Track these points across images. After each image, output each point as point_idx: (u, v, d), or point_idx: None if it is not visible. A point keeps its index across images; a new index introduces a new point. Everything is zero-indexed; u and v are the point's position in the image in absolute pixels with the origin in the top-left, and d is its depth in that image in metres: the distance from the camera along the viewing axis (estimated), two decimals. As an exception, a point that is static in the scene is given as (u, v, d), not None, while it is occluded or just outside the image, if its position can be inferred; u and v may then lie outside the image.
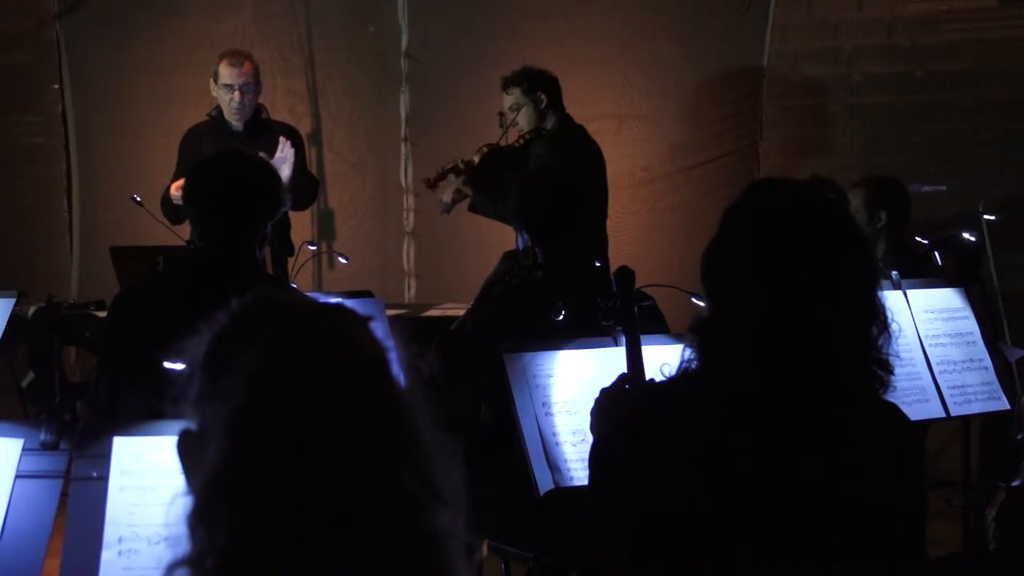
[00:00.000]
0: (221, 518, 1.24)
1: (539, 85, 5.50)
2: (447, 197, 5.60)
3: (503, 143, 5.60)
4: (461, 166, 5.53)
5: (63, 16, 7.17)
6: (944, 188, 6.44)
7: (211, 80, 5.57)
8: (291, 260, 5.54)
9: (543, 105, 5.50)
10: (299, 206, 5.75)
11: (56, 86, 7.25)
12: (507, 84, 5.54)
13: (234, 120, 5.56)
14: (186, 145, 5.67)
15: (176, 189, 5.33)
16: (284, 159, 5.26)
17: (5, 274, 6.57)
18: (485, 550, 3.68)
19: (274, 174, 3.33)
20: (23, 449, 2.40)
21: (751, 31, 6.60)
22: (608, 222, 5.66)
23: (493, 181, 5.22)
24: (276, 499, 1.23)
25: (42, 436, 2.41)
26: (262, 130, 5.59)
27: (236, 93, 5.49)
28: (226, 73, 5.50)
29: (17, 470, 2.38)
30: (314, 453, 1.24)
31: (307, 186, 5.67)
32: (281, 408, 1.25)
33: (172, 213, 5.48)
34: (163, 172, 6.31)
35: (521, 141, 5.52)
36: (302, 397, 1.26)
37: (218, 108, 5.61)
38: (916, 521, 1.99)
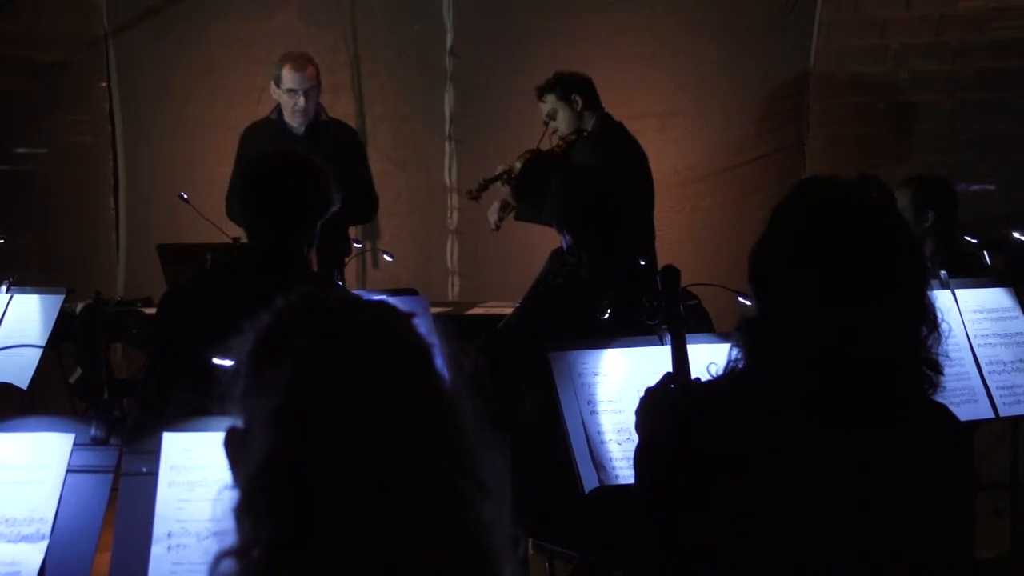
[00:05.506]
0: (266, 510, 1.26)
1: (572, 88, 5.45)
2: (493, 216, 5.58)
3: (543, 147, 5.58)
4: (504, 175, 5.51)
5: (116, 34, 7.21)
6: (993, 187, 6.39)
7: (272, 83, 5.52)
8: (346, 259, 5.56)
9: (579, 107, 5.44)
10: (352, 221, 5.71)
11: (104, 84, 7.29)
12: (541, 92, 5.49)
13: (295, 123, 5.51)
14: (245, 144, 5.61)
15: None
16: None
17: (54, 271, 6.64)
18: (529, 548, 3.68)
19: (324, 175, 3.34)
20: (74, 444, 2.43)
21: (797, 29, 6.57)
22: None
23: (538, 187, 5.18)
24: (319, 491, 1.24)
25: (93, 431, 2.43)
26: (321, 131, 5.54)
27: (300, 97, 5.44)
28: (290, 78, 5.43)
29: (68, 465, 2.41)
30: (356, 446, 1.26)
31: (364, 202, 5.63)
32: (323, 403, 1.27)
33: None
34: (210, 170, 6.36)
35: (562, 145, 5.49)
36: (344, 392, 1.28)
37: (278, 110, 5.56)
38: (965, 523, 1.97)
